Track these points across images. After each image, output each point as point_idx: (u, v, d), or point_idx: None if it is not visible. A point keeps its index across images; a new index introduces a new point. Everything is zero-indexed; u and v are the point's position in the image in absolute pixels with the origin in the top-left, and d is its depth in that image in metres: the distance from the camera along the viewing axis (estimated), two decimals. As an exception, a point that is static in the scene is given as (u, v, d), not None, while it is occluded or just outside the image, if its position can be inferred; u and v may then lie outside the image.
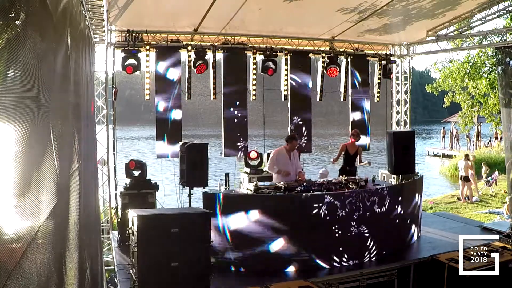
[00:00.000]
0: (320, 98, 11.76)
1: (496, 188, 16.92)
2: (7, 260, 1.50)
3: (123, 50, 9.57)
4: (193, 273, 5.49)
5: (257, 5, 9.12)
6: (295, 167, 8.11)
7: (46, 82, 2.49)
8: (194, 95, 10.52)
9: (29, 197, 1.90)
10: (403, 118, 12.90)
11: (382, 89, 12.53)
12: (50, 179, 2.40)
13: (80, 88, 4.97)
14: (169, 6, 9.06)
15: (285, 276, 6.66)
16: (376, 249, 7.43)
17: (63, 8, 3.41)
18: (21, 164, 1.78)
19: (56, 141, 2.65)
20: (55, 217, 2.43)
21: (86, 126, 5.83)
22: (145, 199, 8.64)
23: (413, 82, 19.28)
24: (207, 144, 7.62)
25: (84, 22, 6.01)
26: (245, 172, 10.47)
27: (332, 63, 11.37)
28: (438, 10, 10.30)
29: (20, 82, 1.82)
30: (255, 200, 7.01)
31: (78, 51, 4.83)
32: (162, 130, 10.29)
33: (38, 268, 1.92)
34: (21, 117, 1.82)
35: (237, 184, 10.52)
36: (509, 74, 9.65)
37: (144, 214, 5.54)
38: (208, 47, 10.35)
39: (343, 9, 9.76)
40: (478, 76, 20.30)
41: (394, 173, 8.74)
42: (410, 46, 12.53)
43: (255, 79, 10.95)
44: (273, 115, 13.07)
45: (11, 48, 1.72)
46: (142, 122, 48.13)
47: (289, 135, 8.60)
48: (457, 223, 9.87)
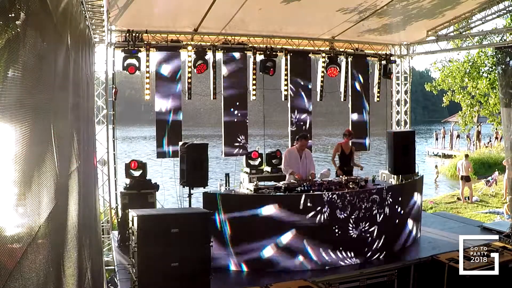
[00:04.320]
0: (320, 98, 11.77)
1: (496, 188, 16.92)
2: (7, 260, 1.50)
3: (123, 50, 9.56)
4: (193, 273, 5.48)
5: (257, 5, 9.12)
6: (307, 167, 7.98)
7: (46, 82, 2.49)
8: (194, 95, 10.52)
9: (30, 197, 1.90)
10: (403, 118, 12.90)
11: (382, 89, 12.53)
12: (50, 179, 2.40)
13: (79, 88, 4.97)
14: (169, 6, 9.07)
15: (285, 276, 6.65)
16: (376, 249, 7.43)
17: (63, 8, 3.41)
18: (21, 164, 1.78)
19: (56, 141, 2.65)
20: (54, 217, 2.43)
21: (85, 126, 5.83)
22: (145, 199, 8.63)
23: (413, 82, 19.23)
24: (207, 144, 7.62)
25: (84, 22, 6.01)
26: (245, 172, 10.47)
27: (332, 63, 11.37)
28: (438, 10, 10.30)
29: (20, 82, 1.82)
30: (255, 200, 7.01)
31: (78, 51, 4.83)
32: (162, 130, 10.29)
33: (37, 268, 1.92)
34: (22, 117, 1.82)
35: (237, 184, 10.52)
36: (509, 74, 9.65)
37: (144, 214, 5.54)
38: (208, 47, 10.35)
39: (343, 9, 9.76)
40: (478, 76, 20.28)
41: (394, 173, 8.74)
42: (410, 46, 12.53)
43: (255, 79, 10.95)
44: (273, 115, 13.07)
45: (11, 48, 1.72)
46: (142, 122, 48.13)
47: (300, 134, 8.49)
48: (457, 223, 9.87)
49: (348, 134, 9.22)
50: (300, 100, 11.51)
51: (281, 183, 7.39)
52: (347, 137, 9.13)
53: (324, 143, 33.97)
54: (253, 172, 10.35)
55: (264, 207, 6.86)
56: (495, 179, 17.20)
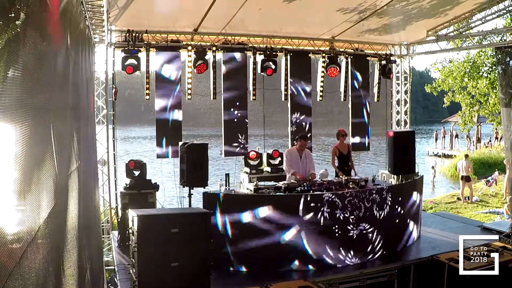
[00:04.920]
0: (320, 98, 11.76)
1: (496, 188, 16.92)
2: (7, 260, 1.50)
3: (123, 50, 9.56)
4: (193, 273, 5.49)
5: (257, 5, 9.12)
6: (307, 167, 7.98)
7: (46, 82, 2.49)
8: (194, 95, 10.52)
9: (30, 197, 1.90)
10: (403, 118, 12.90)
11: (382, 89, 12.53)
12: (50, 179, 2.40)
13: (79, 88, 4.98)
14: (169, 6, 9.07)
15: (285, 276, 6.65)
16: (376, 249, 7.43)
17: (63, 8, 3.41)
18: (21, 164, 1.78)
19: (56, 141, 2.65)
20: (54, 217, 2.43)
21: (85, 126, 5.83)
22: (145, 199, 8.63)
23: (413, 82, 19.23)
24: (207, 144, 7.63)
25: (84, 22, 6.01)
26: (245, 172, 10.47)
27: (332, 63, 11.37)
28: (438, 10, 10.30)
29: (20, 82, 1.82)
30: (255, 200, 7.02)
31: (78, 51, 4.83)
32: (162, 130, 10.29)
33: (37, 268, 1.92)
34: (22, 117, 1.82)
35: (237, 184, 10.51)
36: (509, 74, 9.65)
37: (144, 214, 5.54)
38: (208, 47, 10.35)
39: (343, 9, 9.76)
40: (478, 76, 20.27)
41: (394, 173, 8.74)
42: (410, 46, 12.53)
43: (255, 79, 10.95)
44: (273, 115, 13.07)
45: (11, 48, 1.72)
46: (142, 122, 48.17)
47: (299, 134, 8.48)
48: (457, 223, 9.87)
49: (343, 134, 9.15)
50: (300, 100, 11.51)
51: (281, 183, 7.38)
52: (341, 137, 9.07)
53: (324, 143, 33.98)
54: (253, 172, 10.35)
55: (264, 207, 6.86)
56: (495, 179, 17.20)
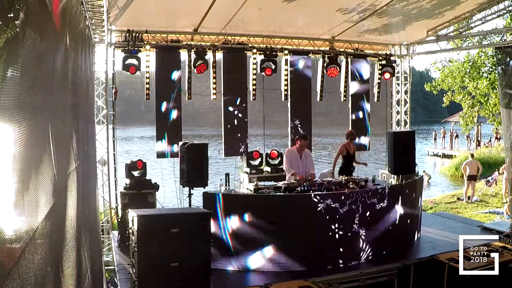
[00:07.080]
0: (320, 98, 11.76)
1: (496, 188, 16.91)
2: (5, 260, 1.49)
3: (123, 50, 9.56)
4: (193, 273, 5.49)
5: (257, 5, 9.12)
6: (307, 167, 8.00)
7: (45, 82, 2.49)
8: (194, 95, 10.51)
9: (28, 197, 1.90)
10: (403, 118, 12.90)
11: (382, 89, 12.52)
12: (48, 179, 2.39)
13: (78, 88, 4.97)
14: (169, 6, 9.06)
15: (285, 276, 6.65)
16: (376, 249, 7.43)
17: (63, 8, 3.40)
18: (20, 164, 1.78)
19: (55, 141, 2.64)
20: (53, 217, 2.43)
21: (85, 126, 5.82)
22: (145, 199, 8.64)
23: (413, 82, 19.22)
24: (207, 144, 7.62)
25: (84, 22, 6.01)
26: (245, 172, 10.47)
27: (332, 63, 11.36)
28: (438, 10, 10.29)
29: (19, 82, 1.82)
30: (255, 200, 7.01)
31: (77, 51, 4.83)
32: (162, 130, 10.29)
33: (35, 268, 1.92)
34: (20, 117, 1.82)
35: (237, 184, 10.51)
36: (509, 74, 9.64)
37: (144, 214, 5.54)
38: (208, 47, 10.34)
39: (343, 9, 9.75)
40: (478, 76, 20.26)
41: (394, 173, 8.74)
42: (410, 46, 12.53)
43: (255, 79, 10.94)
44: (273, 115, 13.07)
45: (10, 48, 1.71)
46: (142, 122, 48.17)
47: (299, 134, 8.49)
48: (457, 223, 9.87)
49: (353, 135, 9.21)
50: (300, 100, 11.50)
51: (281, 183, 7.39)
52: (351, 138, 9.11)
53: (324, 143, 34.00)
54: (253, 172, 10.35)
55: (265, 207, 6.85)
56: (495, 179, 17.19)
